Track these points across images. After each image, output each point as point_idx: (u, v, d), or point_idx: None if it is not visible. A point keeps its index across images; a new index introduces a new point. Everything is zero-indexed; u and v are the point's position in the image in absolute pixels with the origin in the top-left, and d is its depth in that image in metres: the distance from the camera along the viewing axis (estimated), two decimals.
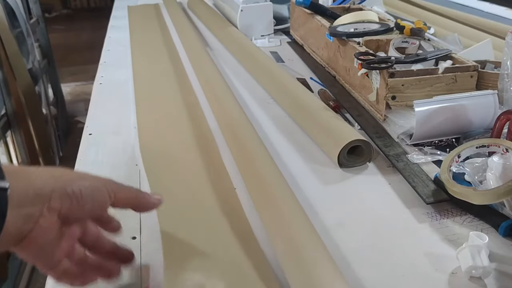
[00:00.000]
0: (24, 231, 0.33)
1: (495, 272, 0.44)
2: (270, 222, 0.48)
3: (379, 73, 0.68)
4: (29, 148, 1.94)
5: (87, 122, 0.75)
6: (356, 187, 0.58)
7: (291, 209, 0.48)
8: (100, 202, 0.37)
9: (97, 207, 0.37)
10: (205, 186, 0.57)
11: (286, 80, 0.81)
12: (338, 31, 0.84)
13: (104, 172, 0.61)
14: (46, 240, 0.35)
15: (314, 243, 0.43)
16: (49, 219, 0.34)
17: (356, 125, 0.71)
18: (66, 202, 0.35)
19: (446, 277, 0.44)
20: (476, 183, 0.53)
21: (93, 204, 0.37)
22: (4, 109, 1.77)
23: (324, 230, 0.50)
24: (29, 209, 0.33)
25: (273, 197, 0.50)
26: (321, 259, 0.41)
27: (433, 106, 0.63)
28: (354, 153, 0.61)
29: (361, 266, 0.45)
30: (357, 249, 0.47)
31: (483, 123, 0.65)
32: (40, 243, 0.34)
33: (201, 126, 0.71)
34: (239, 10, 1.14)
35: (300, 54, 1.04)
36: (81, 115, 2.54)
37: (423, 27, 0.81)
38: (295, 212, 0.47)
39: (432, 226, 0.50)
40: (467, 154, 0.56)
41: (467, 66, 0.69)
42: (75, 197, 0.35)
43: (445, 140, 0.65)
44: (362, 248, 0.47)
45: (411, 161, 0.60)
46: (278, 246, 0.45)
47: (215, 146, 0.66)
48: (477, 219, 0.51)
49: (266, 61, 0.91)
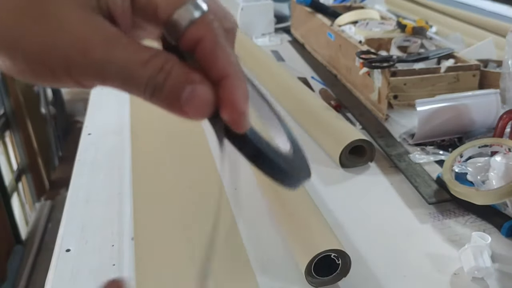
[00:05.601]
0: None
1: (498, 272, 0.44)
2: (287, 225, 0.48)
3: (381, 72, 0.68)
4: (28, 148, 1.93)
5: (86, 122, 0.75)
6: (357, 187, 0.58)
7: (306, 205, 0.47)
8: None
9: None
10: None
11: (287, 79, 0.81)
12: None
13: (103, 172, 0.61)
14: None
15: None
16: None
17: (358, 125, 0.71)
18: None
19: (448, 278, 0.43)
20: (478, 183, 0.52)
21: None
22: (3, 109, 1.76)
23: None
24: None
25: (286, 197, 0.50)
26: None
27: (435, 106, 0.63)
28: (355, 153, 0.61)
29: (362, 266, 0.45)
30: (359, 249, 0.47)
31: (485, 123, 0.64)
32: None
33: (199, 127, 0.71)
34: (240, 8, 1.13)
35: (301, 53, 1.03)
36: (80, 114, 2.53)
37: (425, 25, 0.81)
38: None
39: (434, 226, 0.50)
40: (469, 154, 0.56)
41: (469, 65, 0.68)
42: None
43: (447, 139, 0.65)
44: (364, 248, 0.47)
45: (413, 161, 0.60)
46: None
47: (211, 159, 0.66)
48: (479, 219, 0.51)
49: (266, 60, 0.90)
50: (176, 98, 0.23)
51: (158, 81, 0.23)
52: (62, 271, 0.45)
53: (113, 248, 0.48)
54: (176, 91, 0.23)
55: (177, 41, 0.24)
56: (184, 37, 0.24)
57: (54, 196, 2.00)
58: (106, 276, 0.45)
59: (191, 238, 0.48)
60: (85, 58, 0.22)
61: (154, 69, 0.23)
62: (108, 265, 0.46)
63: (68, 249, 0.48)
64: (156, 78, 0.23)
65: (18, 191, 1.80)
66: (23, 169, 1.87)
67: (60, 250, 0.48)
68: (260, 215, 0.52)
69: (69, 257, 0.47)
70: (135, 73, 0.23)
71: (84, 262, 0.46)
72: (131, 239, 0.49)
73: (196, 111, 0.24)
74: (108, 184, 0.58)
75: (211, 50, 0.24)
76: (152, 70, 0.23)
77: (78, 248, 0.48)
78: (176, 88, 0.23)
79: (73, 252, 0.48)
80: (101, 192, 0.57)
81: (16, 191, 1.77)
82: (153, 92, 0.23)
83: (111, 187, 0.58)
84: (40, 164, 2.02)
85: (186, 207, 0.53)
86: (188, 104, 0.23)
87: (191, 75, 0.23)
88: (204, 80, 0.24)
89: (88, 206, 0.55)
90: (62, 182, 2.06)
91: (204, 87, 0.24)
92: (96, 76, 0.23)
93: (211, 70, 0.24)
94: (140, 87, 0.23)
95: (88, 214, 0.53)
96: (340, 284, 0.43)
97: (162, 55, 0.23)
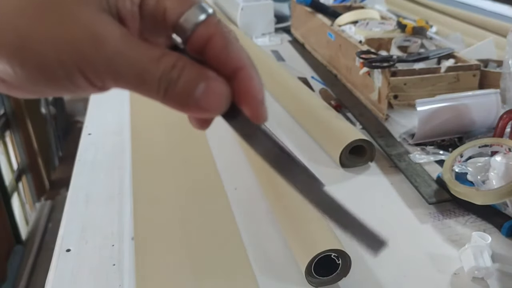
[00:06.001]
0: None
1: (498, 272, 0.44)
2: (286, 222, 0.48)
3: (381, 72, 0.68)
4: (28, 147, 1.93)
5: (86, 122, 0.75)
6: (357, 187, 0.58)
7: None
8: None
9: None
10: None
11: (287, 79, 0.81)
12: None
13: (103, 172, 0.61)
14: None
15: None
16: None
17: (358, 125, 0.71)
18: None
19: (449, 278, 0.43)
20: (478, 183, 0.52)
21: None
22: (3, 109, 1.76)
23: None
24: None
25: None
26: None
27: (435, 105, 0.63)
28: (356, 153, 0.61)
29: (362, 267, 0.45)
30: (359, 249, 0.47)
31: (485, 123, 0.64)
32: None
33: None
34: (240, 8, 1.13)
35: (301, 53, 1.03)
36: (81, 114, 2.54)
37: (425, 25, 0.81)
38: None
39: (434, 226, 0.50)
40: (470, 153, 0.55)
41: (469, 65, 0.68)
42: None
43: (447, 139, 0.65)
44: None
45: (413, 160, 0.60)
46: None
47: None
48: (479, 219, 0.51)
49: (266, 60, 0.90)
50: (191, 94, 0.23)
51: (172, 77, 0.23)
52: (62, 271, 0.45)
53: (113, 248, 0.48)
54: (190, 86, 0.23)
55: (186, 43, 0.24)
56: (193, 36, 0.24)
57: (54, 196, 2.00)
58: (106, 276, 0.45)
59: (191, 238, 0.48)
60: (98, 52, 0.22)
61: (167, 66, 0.23)
62: (108, 265, 0.46)
63: (68, 249, 0.48)
64: (169, 74, 0.23)
65: (18, 191, 1.80)
66: (23, 169, 1.87)
67: (60, 250, 0.48)
68: (260, 215, 0.52)
69: (69, 257, 0.47)
70: (148, 70, 0.22)
71: (84, 262, 0.46)
72: (131, 239, 0.49)
73: (213, 105, 0.23)
74: (108, 184, 0.58)
75: (223, 45, 0.24)
76: (165, 67, 0.23)
77: (78, 248, 0.48)
78: (191, 84, 0.23)
79: (73, 252, 0.48)
80: (101, 192, 0.57)
81: (16, 191, 1.77)
82: (166, 89, 0.23)
83: (111, 187, 0.58)
84: (40, 164, 2.02)
85: (186, 207, 0.53)
86: (204, 99, 0.23)
87: (205, 71, 0.23)
88: (218, 76, 0.24)
89: (88, 206, 0.55)
90: (62, 182, 2.06)
91: (219, 80, 0.24)
92: (108, 73, 0.22)
93: (225, 64, 0.24)
94: (153, 85, 0.23)
95: (88, 214, 0.53)
96: (340, 284, 0.43)
97: (174, 53, 0.23)
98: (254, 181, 0.57)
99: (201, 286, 0.43)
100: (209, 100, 0.23)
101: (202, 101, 0.23)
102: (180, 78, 0.23)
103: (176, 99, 0.23)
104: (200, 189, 0.56)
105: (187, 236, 0.48)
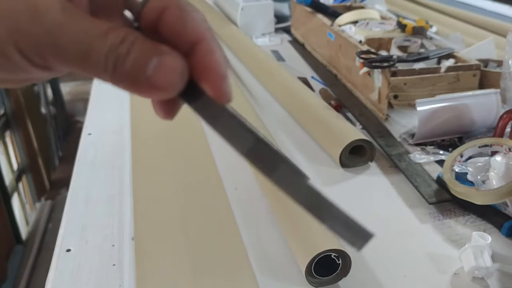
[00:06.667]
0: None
1: (498, 272, 0.44)
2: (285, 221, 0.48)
3: (381, 72, 0.68)
4: (28, 148, 1.93)
5: (86, 122, 0.75)
6: (358, 187, 0.58)
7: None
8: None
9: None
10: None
11: (287, 79, 0.81)
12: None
13: (103, 172, 0.61)
14: None
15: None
16: None
17: (358, 125, 0.71)
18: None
19: (449, 278, 0.43)
20: (478, 183, 0.52)
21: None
22: (3, 109, 1.76)
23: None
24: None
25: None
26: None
27: (435, 105, 0.63)
28: (356, 152, 0.61)
29: (362, 267, 0.45)
30: None
31: (485, 122, 0.64)
32: None
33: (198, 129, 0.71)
34: (240, 8, 1.13)
35: (301, 53, 1.03)
36: (80, 114, 2.54)
37: (425, 25, 0.81)
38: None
39: (434, 226, 0.50)
40: (470, 153, 0.56)
41: (469, 65, 0.68)
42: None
43: (447, 139, 0.65)
44: (364, 248, 0.47)
45: (413, 160, 0.60)
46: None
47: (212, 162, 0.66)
48: (479, 219, 0.51)
49: (266, 60, 0.90)
50: (142, 71, 0.20)
51: (120, 53, 0.20)
52: (62, 271, 0.45)
53: (113, 248, 0.48)
54: (141, 62, 0.20)
55: (139, 19, 0.22)
56: (146, 10, 0.22)
57: (55, 196, 2.00)
58: (106, 276, 0.45)
59: (191, 238, 0.48)
60: (36, 24, 0.20)
61: (115, 40, 0.20)
62: (108, 265, 0.46)
63: (69, 249, 0.48)
64: (118, 49, 0.20)
65: (19, 191, 1.80)
66: (24, 169, 1.87)
67: (61, 250, 0.48)
68: (260, 215, 0.52)
69: (69, 257, 0.47)
70: (93, 44, 0.20)
71: (84, 262, 0.46)
72: (131, 239, 0.49)
73: (166, 82, 0.21)
74: (108, 184, 0.58)
75: (178, 16, 0.21)
76: (112, 41, 0.20)
77: (78, 248, 0.48)
78: (141, 59, 0.20)
79: (73, 252, 0.48)
80: (101, 192, 0.57)
81: (17, 191, 1.77)
82: (115, 66, 0.20)
83: (111, 187, 0.58)
84: (40, 164, 2.02)
85: (186, 207, 0.53)
86: (156, 75, 0.20)
87: (158, 45, 0.21)
88: (173, 51, 0.21)
89: (88, 206, 0.55)
90: (62, 182, 2.06)
91: (172, 55, 0.21)
92: (49, 47, 0.20)
93: (181, 37, 0.22)
94: (100, 61, 0.20)
95: (88, 214, 0.53)
96: (340, 284, 0.43)
97: (123, 27, 0.21)
98: (254, 181, 0.57)
99: (201, 286, 0.43)
100: (162, 76, 0.20)
101: (154, 78, 0.20)
102: (129, 54, 0.20)
103: (125, 77, 0.21)
104: (200, 189, 0.56)
105: (187, 236, 0.48)
